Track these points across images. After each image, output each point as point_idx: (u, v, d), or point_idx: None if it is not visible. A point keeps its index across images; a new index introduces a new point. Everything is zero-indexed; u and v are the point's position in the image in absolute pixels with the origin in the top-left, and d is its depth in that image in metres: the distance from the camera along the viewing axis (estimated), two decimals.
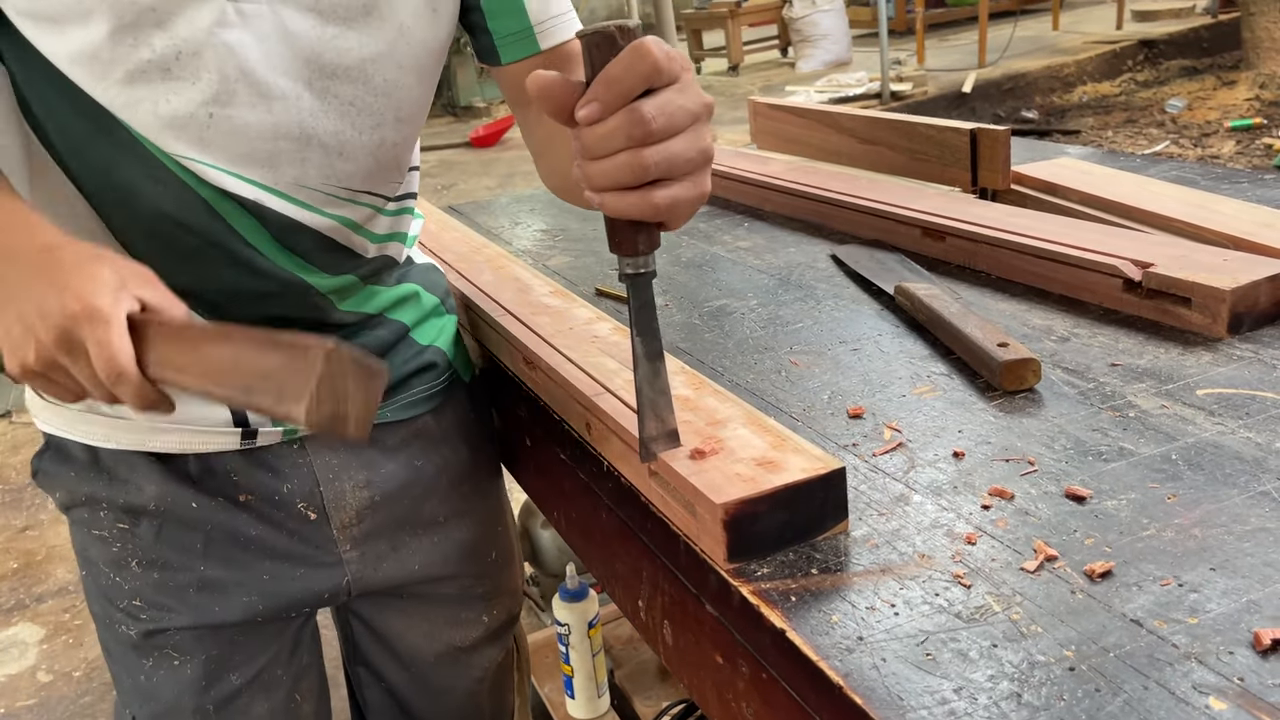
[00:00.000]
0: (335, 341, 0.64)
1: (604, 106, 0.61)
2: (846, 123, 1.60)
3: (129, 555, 0.96)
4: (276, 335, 0.66)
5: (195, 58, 0.77)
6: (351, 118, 0.85)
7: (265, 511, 0.97)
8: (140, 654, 0.98)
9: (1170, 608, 0.57)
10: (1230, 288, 0.88)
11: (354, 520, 1.01)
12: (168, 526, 0.95)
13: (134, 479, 0.94)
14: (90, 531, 0.97)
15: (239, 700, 1.00)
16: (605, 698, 1.69)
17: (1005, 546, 0.64)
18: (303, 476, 0.98)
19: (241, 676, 1.00)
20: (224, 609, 0.97)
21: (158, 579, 0.96)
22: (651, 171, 0.61)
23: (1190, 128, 5.95)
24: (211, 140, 0.80)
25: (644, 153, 0.61)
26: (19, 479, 3.32)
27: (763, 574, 0.64)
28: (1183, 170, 1.42)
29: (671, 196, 0.62)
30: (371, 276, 0.98)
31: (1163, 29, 8.37)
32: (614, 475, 0.82)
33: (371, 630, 1.12)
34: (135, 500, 0.94)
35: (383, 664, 1.14)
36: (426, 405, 1.05)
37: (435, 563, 1.08)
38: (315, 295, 0.92)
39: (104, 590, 0.98)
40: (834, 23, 8.80)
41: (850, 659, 0.56)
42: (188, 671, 0.98)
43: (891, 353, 0.95)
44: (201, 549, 0.96)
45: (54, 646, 2.47)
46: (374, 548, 1.03)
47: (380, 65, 0.85)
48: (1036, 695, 0.52)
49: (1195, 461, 0.71)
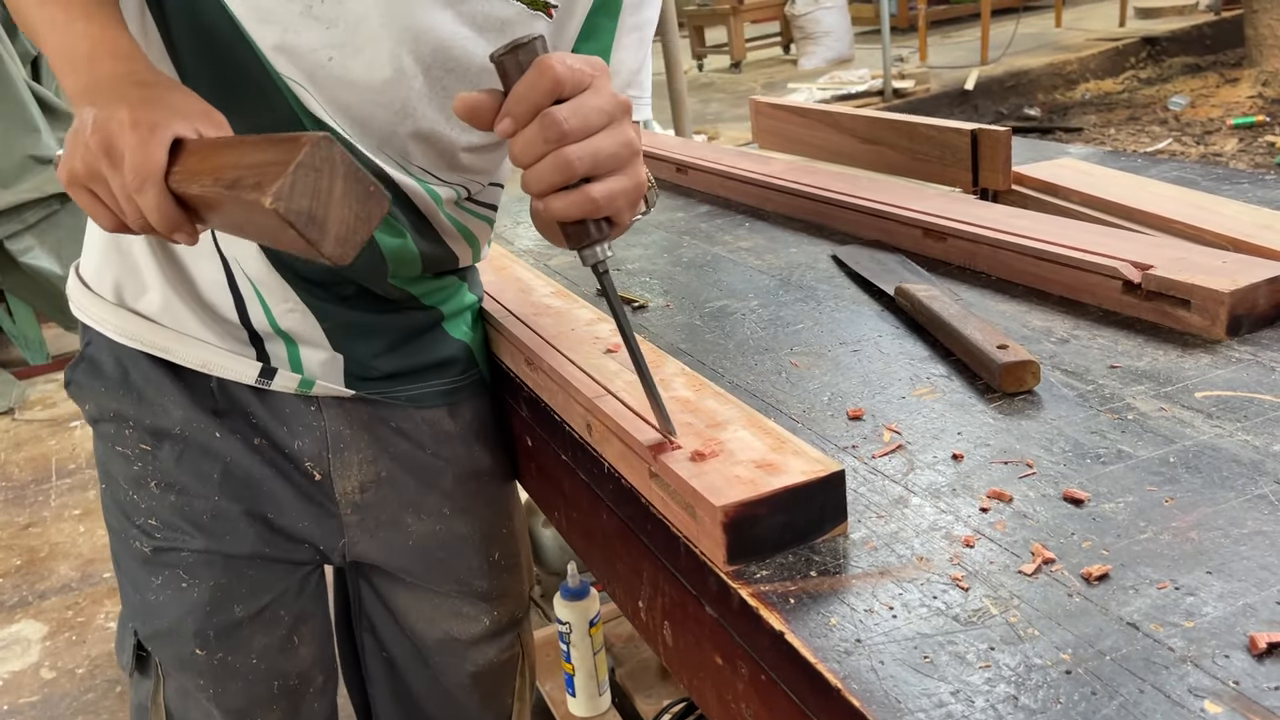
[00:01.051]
0: (332, 139, 0.62)
1: (515, 119, 0.67)
2: (847, 123, 1.61)
3: (149, 475, 1.00)
4: (288, 134, 0.64)
5: (338, 5, 0.82)
6: (450, 112, 0.89)
7: (276, 459, 1.01)
8: (150, 571, 1.02)
9: (1167, 611, 0.57)
10: (1229, 290, 0.88)
11: (356, 489, 1.04)
12: (189, 452, 0.99)
13: (161, 401, 0.98)
14: (115, 447, 1.01)
15: (240, 631, 1.03)
16: (606, 696, 1.70)
17: (1003, 549, 0.64)
18: (314, 439, 1.02)
19: (245, 609, 1.03)
20: (234, 539, 1.01)
21: (174, 501, 1.00)
22: (577, 166, 0.66)
23: (1193, 125, 5.94)
24: (320, 80, 0.85)
25: (566, 150, 0.66)
26: (22, 476, 3.33)
27: (762, 576, 0.65)
28: (1183, 170, 1.42)
29: (607, 189, 0.68)
30: (433, 260, 1.01)
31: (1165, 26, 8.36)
32: (614, 476, 0.82)
33: (381, 600, 1.15)
34: (161, 422, 0.99)
35: (387, 635, 1.17)
36: (443, 399, 1.07)
37: (432, 550, 1.10)
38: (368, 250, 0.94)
39: (121, 505, 1.02)
40: (836, 19, 8.78)
41: (848, 661, 0.56)
42: (194, 595, 1.01)
43: (891, 354, 0.95)
44: (218, 480, 1.00)
45: (57, 643, 2.48)
46: (373, 517, 1.06)
47: (493, 77, 0.88)
48: (1033, 698, 0.52)
49: (1193, 464, 0.71)
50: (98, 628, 2.52)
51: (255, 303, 0.95)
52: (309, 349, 0.98)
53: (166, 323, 0.96)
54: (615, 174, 0.68)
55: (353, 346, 0.99)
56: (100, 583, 2.70)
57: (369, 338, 1.00)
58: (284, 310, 0.95)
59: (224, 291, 0.95)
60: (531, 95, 0.66)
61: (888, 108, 6.86)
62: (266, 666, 1.05)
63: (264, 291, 0.94)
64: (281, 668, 1.07)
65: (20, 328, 4.14)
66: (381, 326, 1.00)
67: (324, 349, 0.98)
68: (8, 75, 3.56)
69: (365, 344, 1.00)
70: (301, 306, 0.95)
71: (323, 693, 1.13)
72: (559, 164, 0.66)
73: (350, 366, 1.00)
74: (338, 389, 1.00)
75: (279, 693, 1.07)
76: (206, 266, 0.94)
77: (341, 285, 0.96)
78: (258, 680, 1.05)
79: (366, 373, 1.01)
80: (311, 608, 1.10)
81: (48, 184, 3.66)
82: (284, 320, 0.96)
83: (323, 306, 0.96)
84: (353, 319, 0.98)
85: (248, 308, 0.95)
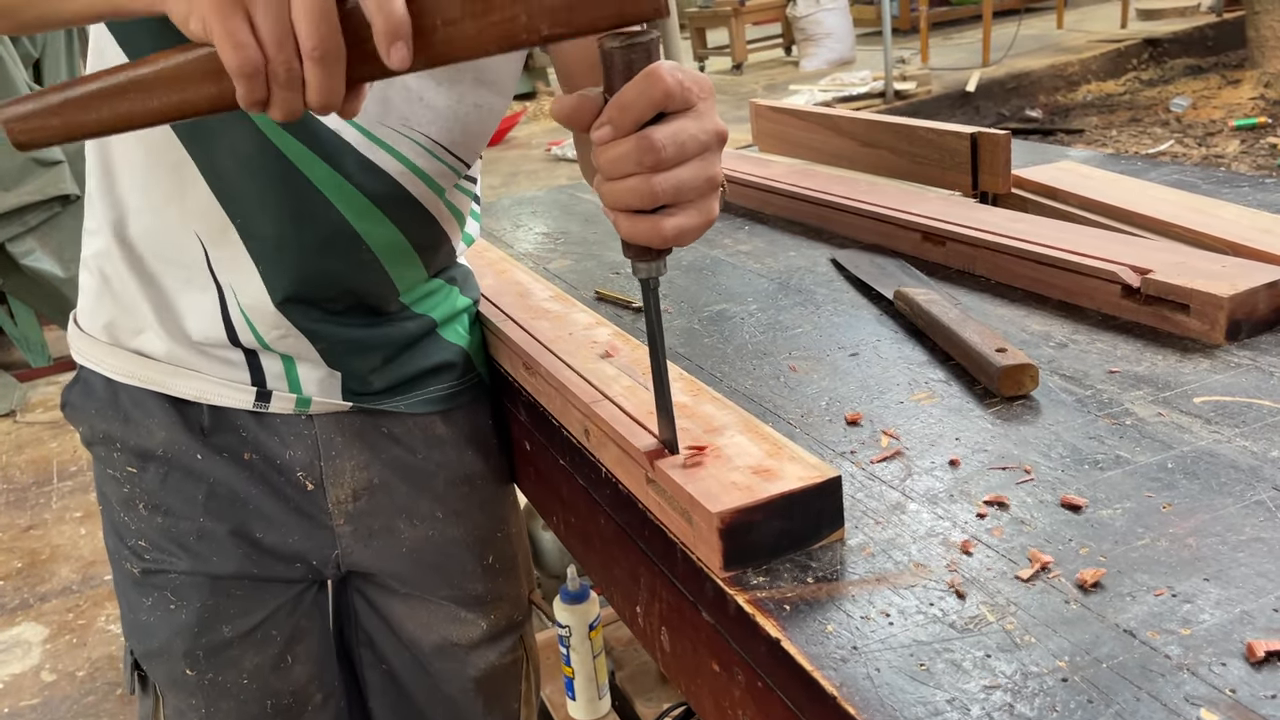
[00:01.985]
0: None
1: (616, 130, 0.63)
2: (847, 126, 1.60)
3: (136, 497, 1.01)
4: None
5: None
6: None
7: (266, 473, 1.01)
8: (141, 592, 1.03)
9: (1163, 618, 0.57)
10: (1228, 295, 0.88)
11: (349, 497, 1.04)
12: (173, 474, 1.00)
13: (146, 423, 0.99)
14: (106, 469, 1.02)
15: (229, 651, 1.04)
16: (606, 699, 1.69)
17: (1000, 556, 0.64)
18: (306, 447, 1.02)
19: (234, 629, 1.03)
20: (220, 560, 1.01)
21: (160, 523, 1.01)
22: (660, 198, 0.63)
23: (1195, 127, 5.94)
24: None
25: (654, 179, 0.63)
26: (23, 478, 3.33)
27: (758, 583, 0.65)
28: (1184, 173, 1.42)
29: (678, 226, 0.65)
30: (427, 247, 1.00)
31: (1167, 27, 8.36)
32: (612, 482, 0.82)
33: (376, 612, 1.14)
34: (145, 444, 0.99)
35: (385, 646, 1.16)
36: (440, 405, 1.07)
37: (426, 556, 1.09)
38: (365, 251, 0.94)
39: (115, 526, 1.03)
40: (838, 21, 8.79)
41: (845, 669, 0.56)
42: (182, 616, 1.02)
43: (890, 358, 0.95)
44: (203, 500, 1.00)
45: (57, 646, 2.48)
46: (366, 526, 1.06)
47: None
48: (1030, 706, 0.52)
49: (1191, 470, 0.71)
50: (98, 630, 2.52)
51: (247, 330, 0.95)
52: (306, 366, 0.98)
53: (160, 357, 0.97)
54: (692, 206, 0.65)
55: (349, 363, 0.99)
56: (101, 585, 2.70)
57: (365, 353, 1.00)
58: (276, 336, 0.95)
59: (216, 321, 0.95)
60: (638, 106, 0.62)
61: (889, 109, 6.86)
62: (259, 686, 1.05)
63: (255, 320, 0.94)
64: (274, 686, 1.06)
65: (22, 330, 4.15)
66: (375, 341, 1.00)
67: (321, 367, 0.99)
68: (9, 77, 3.56)
69: (361, 359, 1.00)
70: (295, 332, 0.95)
71: (322, 710, 1.12)
72: (642, 191, 0.63)
73: (348, 382, 1.00)
74: (336, 404, 1.00)
75: (273, 711, 1.07)
76: (199, 298, 0.94)
77: (332, 302, 0.96)
78: (250, 700, 1.05)
79: (364, 387, 1.01)
80: (307, 625, 1.09)
81: (49, 186, 3.67)
82: (277, 345, 0.96)
83: (315, 329, 0.96)
84: (346, 336, 0.98)
85: (238, 334, 0.95)
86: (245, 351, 0.97)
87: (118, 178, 0.93)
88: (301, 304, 0.94)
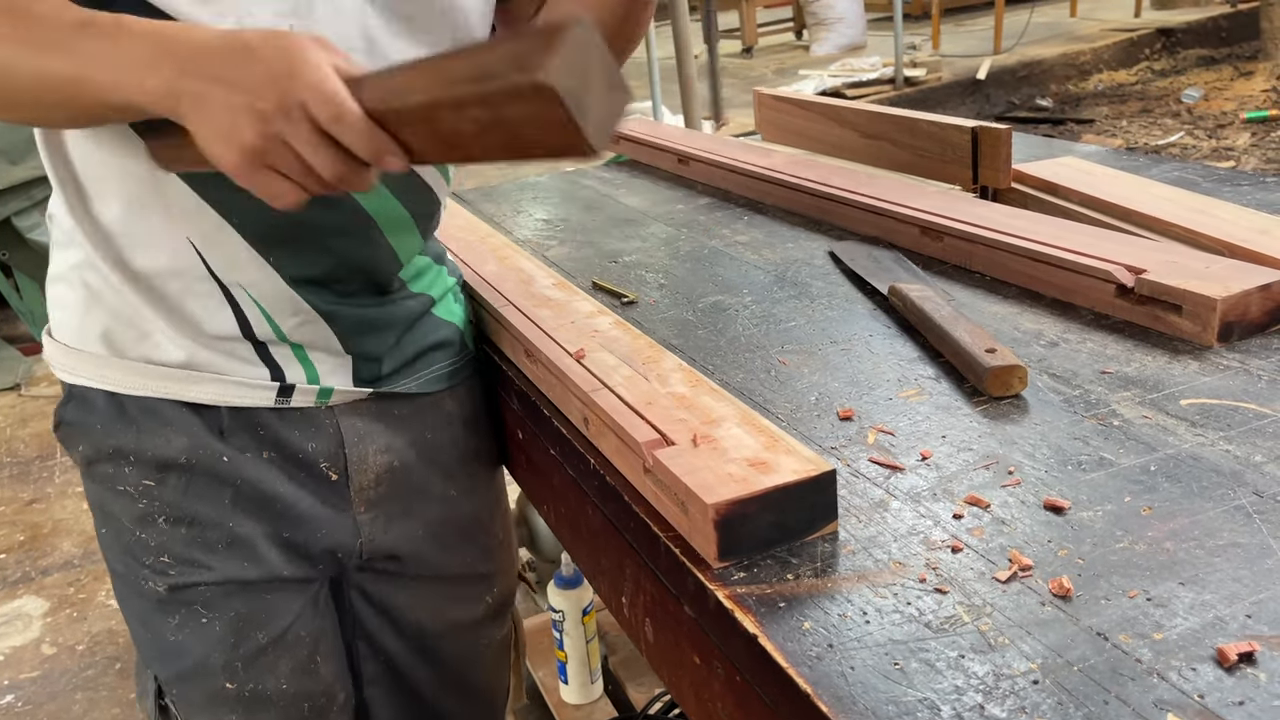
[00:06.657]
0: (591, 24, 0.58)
1: None
2: (850, 117, 1.60)
3: (155, 512, 0.96)
4: (531, 27, 0.60)
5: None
6: (412, 34, 0.89)
7: (289, 469, 0.99)
8: (166, 612, 0.98)
9: (1136, 622, 0.57)
10: (1221, 296, 0.88)
11: (372, 483, 1.04)
12: (195, 481, 0.95)
13: (162, 431, 0.94)
14: (115, 488, 0.96)
15: (265, 657, 1.01)
16: (598, 684, 1.71)
17: (980, 556, 0.65)
18: (328, 437, 1.00)
19: (267, 635, 1.01)
20: (252, 564, 0.98)
21: (186, 534, 0.96)
22: None
23: (1206, 119, 5.91)
24: None
25: None
26: (27, 452, 3.35)
27: (739, 578, 0.65)
28: (1185, 171, 1.41)
29: None
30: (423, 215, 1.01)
31: (1181, 18, 8.29)
32: (600, 473, 0.83)
33: (374, 605, 1.14)
34: (164, 453, 0.94)
35: (383, 637, 1.17)
36: (447, 382, 1.08)
37: (441, 534, 1.11)
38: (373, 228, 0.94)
39: (128, 547, 0.98)
40: (849, 6, 8.73)
41: (819, 666, 0.57)
42: (216, 629, 0.98)
43: (881, 354, 0.95)
44: (230, 504, 0.96)
45: (58, 620, 2.50)
46: (386, 510, 1.06)
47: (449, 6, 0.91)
48: (1001, 708, 0.53)
49: (1173, 473, 0.71)
50: (99, 604, 2.54)
51: (263, 322, 0.93)
52: (321, 354, 0.97)
53: (174, 363, 0.93)
54: None
55: (366, 344, 0.99)
56: (102, 560, 2.71)
57: (379, 331, 0.99)
58: (294, 325, 0.94)
59: (228, 318, 0.92)
60: None
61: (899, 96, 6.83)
62: (295, 689, 1.04)
63: (271, 310, 0.92)
64: (308, 688, 1.05)
65: (28, 303, 4.16)
66: (386, 319, 1.00)
67: (336, 354, 0.98)
68: None
69: (376, 339, 0.99)
70: (314, 316, 0.94)
71: (344, 708, 1.11)
72: None
73: (360, 370, 1.00)
74: (355, 392, 1.00)
75: (309, 714, 1.06)
76: (205, 298, 0.91)
77: (342, 282, 0.96)
78: (288, 704, 1.03)
79: (375, 372, 1.01)
80: (326, 625, 1.08)
81: None
82: (295, 334, 0.94)
83: (331, 310, 0.95)
84: (360, 316, 0.97)
85: (253, 328, 0.93)
86: (262, 347, 0.94)
87: (90, 196, 0.90)
88: (315, 286, 0.94)
